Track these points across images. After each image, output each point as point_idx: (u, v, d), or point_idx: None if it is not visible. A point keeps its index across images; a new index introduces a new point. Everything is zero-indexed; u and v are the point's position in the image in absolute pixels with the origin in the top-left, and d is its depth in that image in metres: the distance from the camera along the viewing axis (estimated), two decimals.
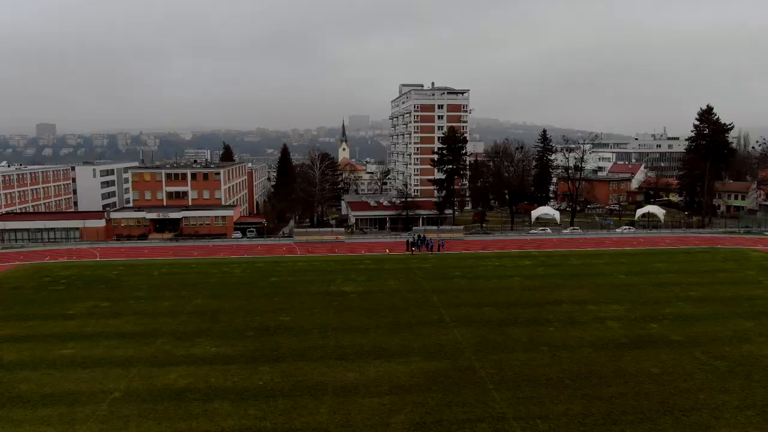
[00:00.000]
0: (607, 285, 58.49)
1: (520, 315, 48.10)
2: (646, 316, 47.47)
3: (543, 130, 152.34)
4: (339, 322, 46.68)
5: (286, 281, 61.25)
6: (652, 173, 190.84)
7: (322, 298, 54.16)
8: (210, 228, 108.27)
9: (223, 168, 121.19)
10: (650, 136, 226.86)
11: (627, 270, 65.55)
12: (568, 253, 77.08)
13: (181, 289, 58.09)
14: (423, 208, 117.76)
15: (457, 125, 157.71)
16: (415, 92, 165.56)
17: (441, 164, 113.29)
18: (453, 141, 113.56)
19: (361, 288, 58.13)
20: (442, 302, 52.24)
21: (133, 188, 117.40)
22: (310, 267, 69.09)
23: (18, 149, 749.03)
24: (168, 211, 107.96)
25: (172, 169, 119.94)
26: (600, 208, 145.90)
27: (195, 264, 71.51)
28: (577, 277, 62.45)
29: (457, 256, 76.20)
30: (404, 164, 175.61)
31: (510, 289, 57.05)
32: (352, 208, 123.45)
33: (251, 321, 47.08)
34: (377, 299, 53.52)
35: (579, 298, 53.58)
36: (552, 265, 68.75)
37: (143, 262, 73.36)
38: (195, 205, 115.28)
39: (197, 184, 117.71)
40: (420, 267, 68.47)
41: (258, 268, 68.66)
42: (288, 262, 71.86)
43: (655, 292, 55.46)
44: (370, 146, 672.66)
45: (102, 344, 41.91)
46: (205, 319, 47.88)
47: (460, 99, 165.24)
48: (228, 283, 60.97)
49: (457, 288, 57.72)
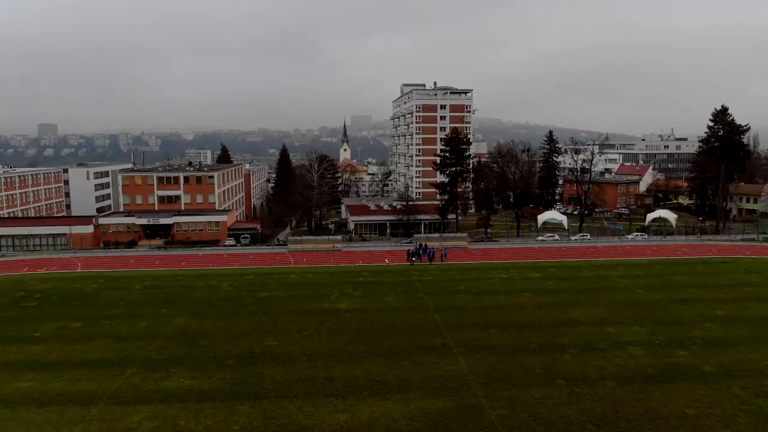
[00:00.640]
0: (624, 302, 53.75)
1: (532, 338, 43.43)
2: (672, 341, 42.77)
3: (549, 131, 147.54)
4: (331, 347, 42.06)
5: (276, 297, 56.64)
6: (660, 175, 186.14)
7: (314, 317, 49.55)
8: (203, 234, 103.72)
9: (218, 171, 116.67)
10: (657, 136, 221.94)
11: (644, 284, 60.80)
12: (580, 264, 72.31)
13: (161, 307, 53.54)
14: (425, 212, 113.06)
15: (460, 126, 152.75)
16: (417, 92, 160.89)
17: (444, 167, 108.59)
18: (456, 142, 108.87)
19: (357, 305, 53.49)
20: (445, 323, 47.59)
21: (124, 192, 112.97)
22: (303, 280, 64.45)
23: (19, 149, 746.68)
24: (159, 216, 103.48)
25: (164, 172, 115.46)
26: (608, 211, 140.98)
27: (181, 276, 66.92)
28: (591, 292, 57.72)
29: (460, 267, 71.49)
30: (406, 166, 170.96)
31: (519, 307, 52.36)
32: (352, 213, 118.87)
33: (233, 346, 42.50)
34: (374, 319, 48.89)
35: (595, 317, 48.90)
36: (563, 278, 64.02)
37: (126, 274, 68.80)
38: (188, 210, 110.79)
39: (190, 188, 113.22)
40: (421, 280, 63.79)
41: (247, 281, 64.03)
42: (280, 274, 67.23)
43: (677, 311, 50.76)
44: (372, 146, 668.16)
45: (64, 376, 37.40)
46: (184, 343, 43.30)
47: (463, 99, 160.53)
48: (213, 299, 56.37)
49: (461, 305, 53.06)
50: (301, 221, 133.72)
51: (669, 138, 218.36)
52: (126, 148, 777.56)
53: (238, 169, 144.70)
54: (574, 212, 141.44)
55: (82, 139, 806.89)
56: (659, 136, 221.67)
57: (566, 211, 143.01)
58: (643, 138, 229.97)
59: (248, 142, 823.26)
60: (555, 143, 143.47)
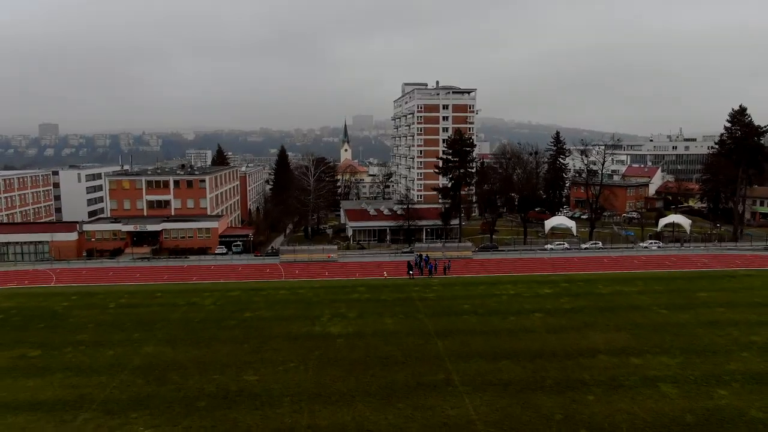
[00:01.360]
0: (648, 325, 48.31)
1: (548, 373, 38.03)
2: (708, 376, 37.35)
3: (556, 132, 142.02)
4: (318, 384, 36.72)
5: (261, 319, 51.30)
6: (670, 177, 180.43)
7: (302, 344, 44.21)
8: (193, 241, 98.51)
9: (210, 174, 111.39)
10: (666, 137, 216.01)
11: (667, 302, 55.34)
12: (594, 278, 66.85)
13: (134, 330, 48.27)
14: (426, 217, 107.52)
15: (463, 127, 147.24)
16: (419, 92, 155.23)
17: (446, 171, 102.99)
18: (460, 144, 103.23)
19: (351, 328, 48.15)
20: (448, 351, 42.23)
21: (111, 197, 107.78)
22: (293, 297, 59.06)
23: (20, 149, 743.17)
24: (146, 222, 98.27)
25: (153, 176, 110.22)
26: (617, 215, 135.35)
27: (161, 292, 61.58)
28: (609, 311, 52.30)
29: (465, 282, 66.04)
30: (407, 168, 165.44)
31: (531, 331, 46.94)
32: (350, 218, 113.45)
33: (208, 382, 37.22)
34: (369, 346, 43.53)
35: (617, 344, 43.50)
36: (577, 295, 58.58)
37: (102, 290, 63.51)
38: (179, 216, 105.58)
39: (180, 193, 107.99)
40: (422, 297, 58.41)
41: (232, 298, 58.70)
42: (269, 290, 61.83)
43: (708, 336, 45.33)
44: (373, 146, 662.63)
45: (6, 422, 32.15)
46: (151, 378, 38.00)
47: (466, 99, 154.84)
48: (192, 320, 51.05)
49: (466, 329, 47.65)
50: (298, 226, 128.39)
51: (677, 138, 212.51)
52: (127, 148, 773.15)
53: (233, 172, 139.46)
54: (582, 216, 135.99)
55: (83, 139, 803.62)
56: (667, 136, 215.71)
57: (574, 215, 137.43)
58: (651, 138, 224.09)
59: (249, 142, 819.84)
60: (562, 144, 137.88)
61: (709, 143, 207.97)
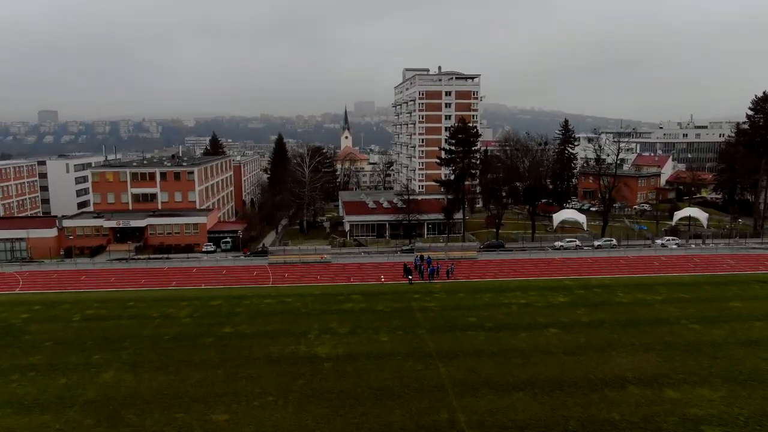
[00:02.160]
0: (679, 344, 42.46)
1: (570, 411, 32.30)
2: (761, 416, 31.62)
3: (564, 119, 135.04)
4: (298, 427, 31.01)
5: (241, 335, 45.54)
6: (681, 166, 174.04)
7: (284, 370, 38.48)
8: (180, 237, 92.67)
9: (198, 166, 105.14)
10: (676, 124, 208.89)
11: (696, 314, 49.48)
12: (611, 283, 60.90)
13: (95, 350, 42.58)
14: (428, 210, 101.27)
15: (467, 114, 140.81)
16: (420, 77, 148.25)
17: (449, 163, 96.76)
18: (464, 133, 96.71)
19: (341, 348, 42.38)
20: (452, 380, 36.48)
21: (94, 190, 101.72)
22: (279, 307, 53.23)
23: (19, 136, 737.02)
24: (130, 218, 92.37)
25: (139, 167, 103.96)
26: (628, 208, 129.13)
27: (134, 301, 55.78)
28: (633, 327, 46.46)
29: (470, 288, 60.07)
30: (408, 157, 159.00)
31: (547, 353, 41.12)
32: (348, 211, 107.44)
33: (168, 422, 31.58)
34: (361, 373, 37.80)
35: (647, 370, 37.73)
36: (596, 305, 52.69)
37: (70, 298, 57.75)
38: (166, 210, 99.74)
39: (167, 185, 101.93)
40: (423, 307, 52.58)
41: (212, 309, 52.90)
42: (253, 299, 55.97)
43: (750, 359, 39.54)
44: (375, 132, 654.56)
45: None
46: (103, 417, 32.35)
47: (469, 85, 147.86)
48: (163, 337, 45.33)
49: (473, 350, 41.84)
50: (294, 218, 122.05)
51: (688, 126, 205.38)
52: (126, 135, 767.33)
53: (226, 162, 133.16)
54: (591, 208, 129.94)
55: (83, 125, 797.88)
56: (677, 123, 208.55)
57: (582, 207, 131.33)
58: (661, 126, 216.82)
59: (250, 128, 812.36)
60: (570, 132, 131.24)
61: (720, 131, 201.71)
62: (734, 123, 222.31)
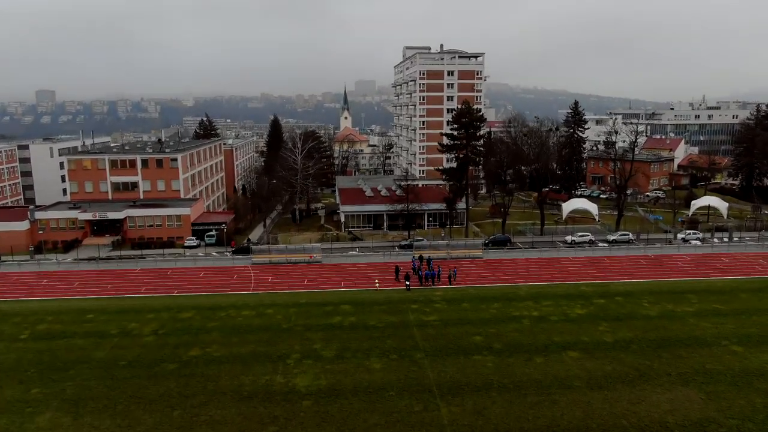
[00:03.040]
0: (722, 373, 35.98)
1: None
2: None
3: (575, 101, 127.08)
4: None
5: (209, 360, 39.04)
6: (694, 149, 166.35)
7: (254, 410, 32.11)
8: (161, 230, 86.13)
9: (183, 152, 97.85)
10: (687, 105, 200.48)
11: (737, 332, 42.94)
12: (634, 289, 54.21)
13: (36, 382, 36.20)
14: (429, 198, 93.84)
15: (470, 95, 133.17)
16: (421, 56, 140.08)
17: (452, 149, 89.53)
18: (468, 117, 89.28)
19: (325, 379, 35.92)
20: (456, 427, 30.03)
21: (71, 178, 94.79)
22: (258, 321, 46.68)
23: (16, 116, 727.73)
24: (107, 209, 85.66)
25: (118, 154, 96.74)
26: (640, 195, 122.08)
27: (94, 313, 49.29)
28: (666, 348, 39.94)
29: (475, 296, 53.31)
30: (408, 140, 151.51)
31: (569, 387, 34.63)
32: (343, 200, 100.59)
33: None
34: (346, 416, 31.41)
35: (690, 412, 31.31)
36: (619, 319, 46.09)
37: (22, 308, 51.24)
38: (148, 200, 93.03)
39: (149, 173, 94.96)
40: (421, 322, 46.02)
41: (181, 324, 46.38)
42: (229, 310, 49.39)
43: None
44: (377, 112, 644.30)
45: None
46: None
47: (473, 64, 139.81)
48: (119, 363, 38.88)
49: (480, 382, 35.35)
50: (287, 206, 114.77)
51: (700, 107, 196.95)
52: (125, 115, 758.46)
53: (216, 146, 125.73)
54: (601, 195, 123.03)
55: (81, 105, 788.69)
56: (689, 104, 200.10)
57: (592, 194, 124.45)
58: (672, 107, 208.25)
59: (250, 108, 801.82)
60: (581, 115, 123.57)
61: (732, 111, 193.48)
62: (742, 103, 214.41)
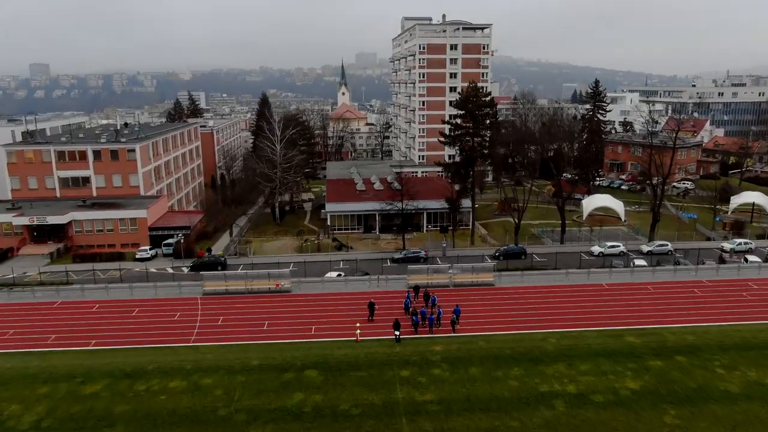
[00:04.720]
0: None
1: None
2: None
3: (595, 80, 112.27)
4: None
5: None
6: (719, 131, 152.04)
7: None
8: (113, 236, 73.20)
9: (143, 141, 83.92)
10: (711, 81, 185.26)
11: None
12: (700, 342, 40.60)
13: None
14: (428, 194, 79.84)
15: (475, 72, 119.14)
16: (421, 28, 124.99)
17: (456, 141, 75.38)
18: (474, 102, 74.88)
19: None
20: None
21: (11, 173, 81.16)
22: (186, 402, 33.44)
23: (9, 91, 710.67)
24: (48, 211, 72.44)
25: (66, 144, 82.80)
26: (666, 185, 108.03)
27: None
28: None
29: (486, 354, 39.45)
30: (407, 121, 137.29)
31: None
32: (330, 196, 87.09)
33: None
34: None
35: None
36: (690, 400, 32.96)
37: None
38: (101, 198, 79.84)
39: (103, 167, 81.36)
40: (413, 403, 32.88)
41: (79, 405, 33.20)
42: (153, 379, 36.04)
43: None
44: (377, 86, 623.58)
45: None
46: None
47: (478, 37, 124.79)
48: None
49: None
50: (269, 200, 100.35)
51: (724, 83, 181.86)
52: (120, 90, 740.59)
53: (191, 131, 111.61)
54: (622, 186, 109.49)
55: (75, 79, 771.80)
56: (713, 81, 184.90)
57: (611, 184, 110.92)
58: (694, 83, 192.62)
59: (248, 81, 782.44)
60: (602, 95, 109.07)
61: (760, 88, 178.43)
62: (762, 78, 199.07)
